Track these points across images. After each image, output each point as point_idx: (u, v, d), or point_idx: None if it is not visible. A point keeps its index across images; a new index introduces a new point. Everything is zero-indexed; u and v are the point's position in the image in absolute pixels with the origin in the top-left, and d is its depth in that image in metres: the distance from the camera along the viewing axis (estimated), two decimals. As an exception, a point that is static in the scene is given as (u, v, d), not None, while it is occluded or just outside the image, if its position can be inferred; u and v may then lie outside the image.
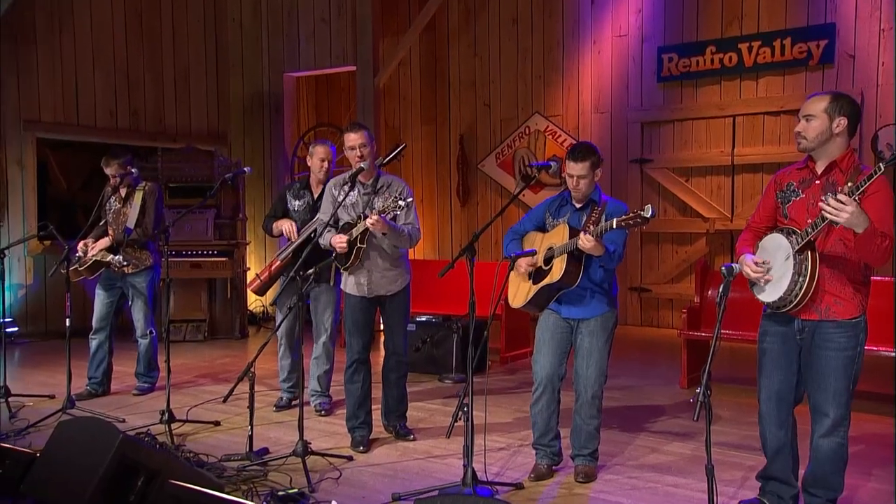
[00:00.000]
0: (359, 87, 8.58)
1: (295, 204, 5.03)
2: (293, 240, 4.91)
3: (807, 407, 3.14)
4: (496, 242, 8.94)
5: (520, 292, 3.80)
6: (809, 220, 2.96)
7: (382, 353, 4.56)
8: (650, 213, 3.10)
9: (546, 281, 3.60)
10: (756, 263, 3.04)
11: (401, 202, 3.81)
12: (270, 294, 6.64)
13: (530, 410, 3.82)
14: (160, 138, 9.01)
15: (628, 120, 8.49)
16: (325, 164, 4.93)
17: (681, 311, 5.86)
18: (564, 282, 3.54)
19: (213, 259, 7.91)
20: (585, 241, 3.35)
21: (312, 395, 5.07)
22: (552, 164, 3.84)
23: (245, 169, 5.13)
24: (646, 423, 4.82)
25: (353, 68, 8.69)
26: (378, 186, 4.24)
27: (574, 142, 8.73)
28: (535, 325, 3.89)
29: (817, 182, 3.04)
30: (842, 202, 2.71)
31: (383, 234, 4.03)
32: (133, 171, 5.48)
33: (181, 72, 9.30)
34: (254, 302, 8.85)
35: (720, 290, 2.86)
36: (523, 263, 3.72)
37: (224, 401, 3.97)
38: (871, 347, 4.85)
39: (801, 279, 2.93)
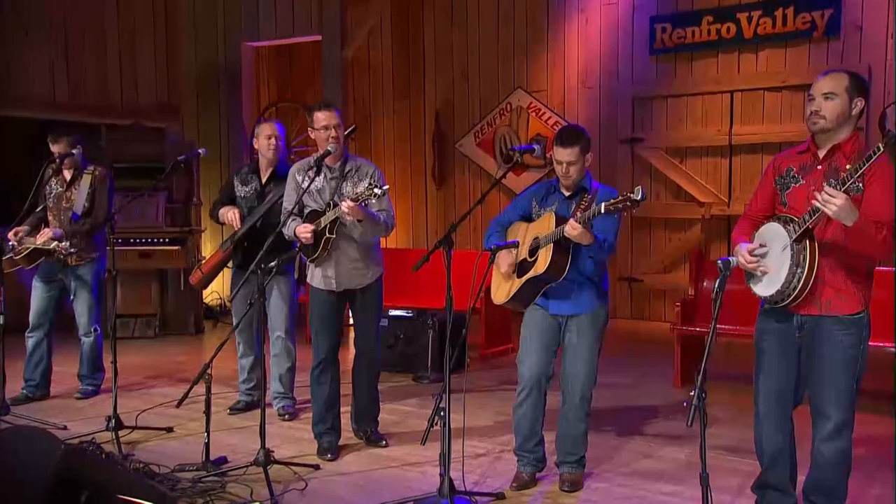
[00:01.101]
0: (325, 58, 8.51)
1: (242, 190, 5.01)
2: (236, 228, 4.88)
3: (804, 408, 3.18)
4: (475, 229, 8.94)
5: (502, 287, 3.81)
6: (809, 208, 2.98)
7: (352, 351, 4.55)
8: (640, 195, 3.11)
9: (531, 273, 3.61)
10: (750, 252, 3.05)
11: (377, 190, 3.77)
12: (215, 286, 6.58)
13: (513, 413, 3.84)
14: (104, 114, 8.86)
15: (618, 96, 8.50)
16: (273, 142, 4.90)
17: (674, 304, 5.91)
18: (551, 274, 3.54)
19: (164, 247, 7.84)
20: (572, 229, 3.36)
21: (275, 398, 5.06)
22: (535, 147, 3.85)
23: (199, 151, 5.07)
24: (637, 425, 4.87)
25: (319, 38, 8.61)
26: (346, 171, 4.23)
27: (559, 119, 8.75)
28: (518, 320, 3.90)
29: (819, 168, 3.06)
30: (830, 194, 2.75)
31: (358, 221, 4.00)
32: (77, 151, 5.40)
33: (126, 39, 9.15)
34: (210, 294, 8.78)
35: (716, 285, 2.88)
36: (504, 263, 3.72)
37: (178, 405, 3.95)
38: (871, 342, 4.93)
39: (799, 271, 2.95)
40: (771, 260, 3.04)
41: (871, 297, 3.10)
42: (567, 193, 3.70)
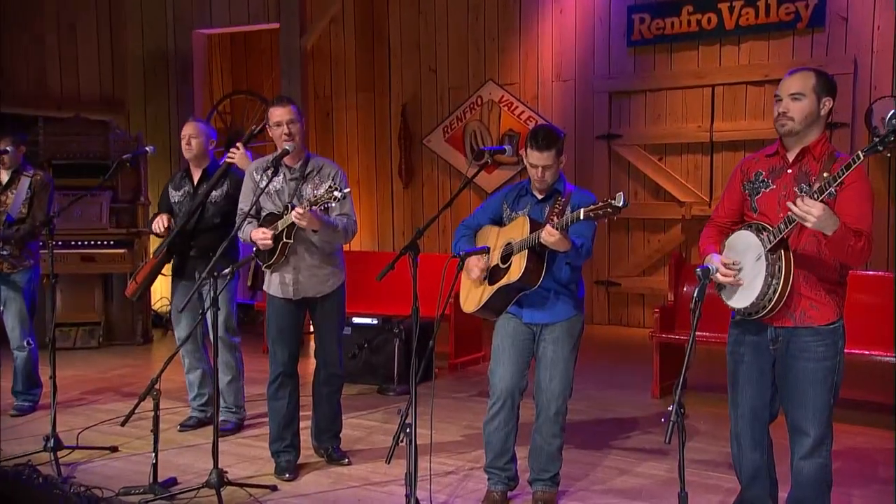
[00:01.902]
0: (282, 48, 8.45)
1: (175, 195, 5.01)
2: (159, 233, 4.89)
3: (783, 419, 3.22)
4: (444, 230, 8.96)
5: (472, 295, 3.82)
6: (781, 215, 3.02)
7: (312, 363, 4.53)
8: (622, 202, 3.13)
9: (503, 281, 3.62)
10: (726, 265, 3.08)
11: (336, 193, 3.76)
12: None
13: (484, 428, 3.85)
14: (41, 105, 8.71)
15: (594, 90, 8.57)
16: (185, 143, 4.90)
17: (653, 309, 5.97)
18: (525, 282, 3.56)
19: (108, 250, 7.74)
20: (548, 235, 3.38)
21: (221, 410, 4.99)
22: (506, 147, 3.89)
23: (147, 148, 5.04)
24: (614, 439, 4.91)
25: (276, 26, 8.56)
26: (307, 171, 4.20)
27: (532, 114, 8.79)
28: (490, 327, 3.91)
29: (789, 171, 3.11)
30: (808, 206, 2.77)
31: (314, 230, 3.98)
32: (11, 150, 5.33)
33: (66, 24, 9.00)
34: (159, 300, 8.68)
35: (694, 294, 2.91)
36: (475, 268, 3.73)
37: (123, 423, 3.89)
38: (866, 351, 5.03)
39: (774, 282, 2.98)
40: (745, 270, 3.07)
41: (845, 304, 3.16)
42: (540, 196, 3.72)
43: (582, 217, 3.27)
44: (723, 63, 8.02)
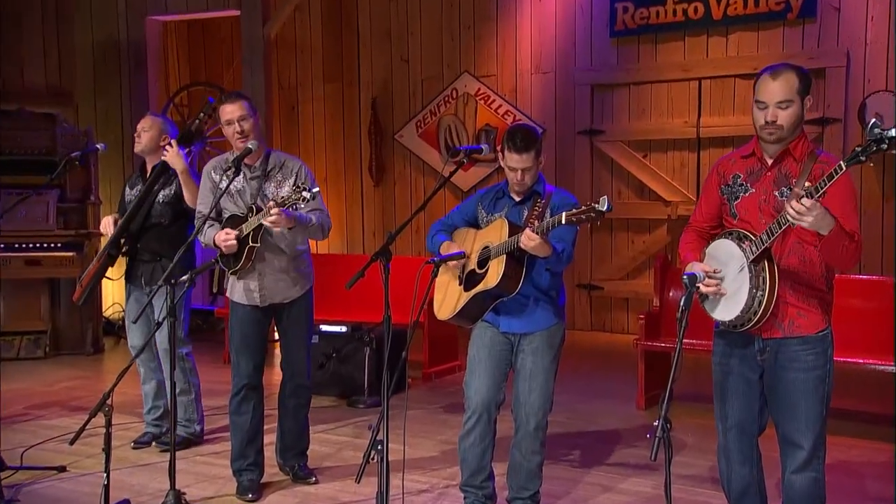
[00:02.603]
0: (244, 36, 8.40)
1: (129, 194, 5.00)
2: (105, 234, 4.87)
3: (771, 430, 3.24)
4: (417, 231, 8.95)
5: (447, 301, 3.82)
6: (763, 220, 3.05)
7: (278, 374, 4.50)
8: (606, 206, 3.14)
9: (480, 287, 3.63)
10: (707, 274, 3.09)
11: (305, 194, 3.73)
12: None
13: (459, 444, 3.85)
14: (-18, 98, 8.60)
15: (575, 82, 8.61)
16: (143, 138, 4.88)
17: (637, 315, 6.01)
18: (503, 288, 3.57)
19: (55, 254, 7.66)
20: (528, 240, 3.39)
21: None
22: (483, 146, 3.90)
23: (97, 146, 5.00)
24: (597, 454, 4.93)
25: (237, 13, 8.50)
26: (269, 168, 4.19)
27: (510, 108, 8.82)
28: (466, 335, 3.92)
29: (768, 174, 3.13)
30: (806, 207, 2.78)
31: (289, 229, 3.97)
32: None
33: (8, 11, 8.87)
34: (111, 306, 8.60)
35: (681, 303, 2.93)
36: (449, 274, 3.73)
37: (72, 441, 3.83)
38: (860, 360, 5.09)
39: (759, 294, 3.00)
40: (727, 281, 3.08)
41: (832, 311, 3.19)
42: (518, 199, 3.73)
43: (563, 221, 3.28)
44: (710, 55, 8.09)
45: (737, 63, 7.96)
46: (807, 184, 2.83)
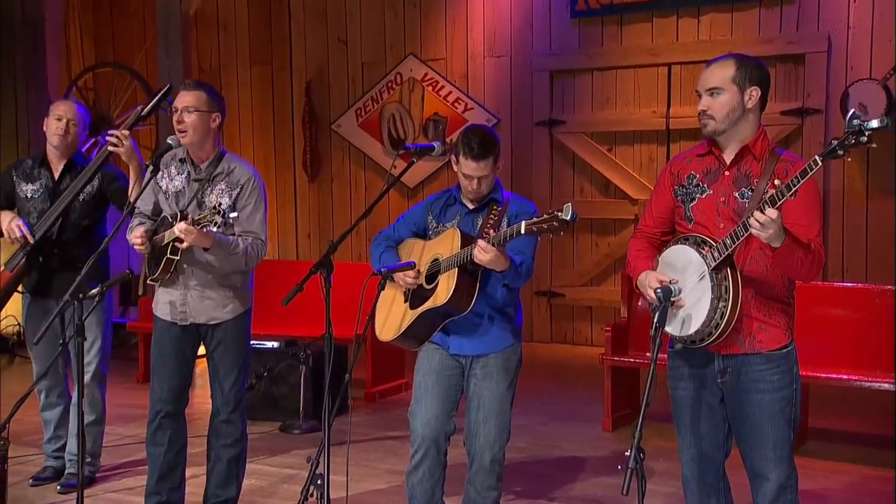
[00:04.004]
0: (158, 12, 8.31)
1: (27, 189, 4.86)
2: (14, 240, 4.75)
3: (737, 451, 3.29)
4: (358, 232, 8.92)
5: (391, 319, 3.82)
6: (722, 224, 3.10)
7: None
8: (570, 215, 3.15)
9: (428, 305, 3.64)
10: (660, 281, 3.10)
11: (217, 218, 3.69)
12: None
13: (406, 480, 3.85)
14: None
15: (533, 68, 8.68)
16: (63, 126, 4.79)
17: (603, 325, 6.08)
18: (453, 305, 3.58)
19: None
20: (483, 253, 3.40)
21: (69, 461, 4.89)
22: (435, 144, 3.87)
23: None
24: (560, 484, 4.97)
25: (152, -14, 8.41)
26: (215, 173, 4.11)
27: (461, 95, 8.85)
28: (413, 352, 3.90)
29: (726, 173, 3.18)
30: (771, 218, 2.82)
31: (205, 249, 3.93)
32: None
33: None
34: (4, 319, 8.43)
35: (654, 319, 2.97)
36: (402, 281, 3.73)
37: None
38: (845, 376, 5.23)
39: (721, 304, 3.02)
40: (685, 292, 3.10)
41: (794, 325, 3.25)
42: (472, 206, 3.74)
43: (523, 231, 3.28)
44: (680, 38, 8.21)
45: (709, 47, 8.03)
46: (777, 181, 2.86)
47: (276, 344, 6.26)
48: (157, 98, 4.69)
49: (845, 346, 5.44)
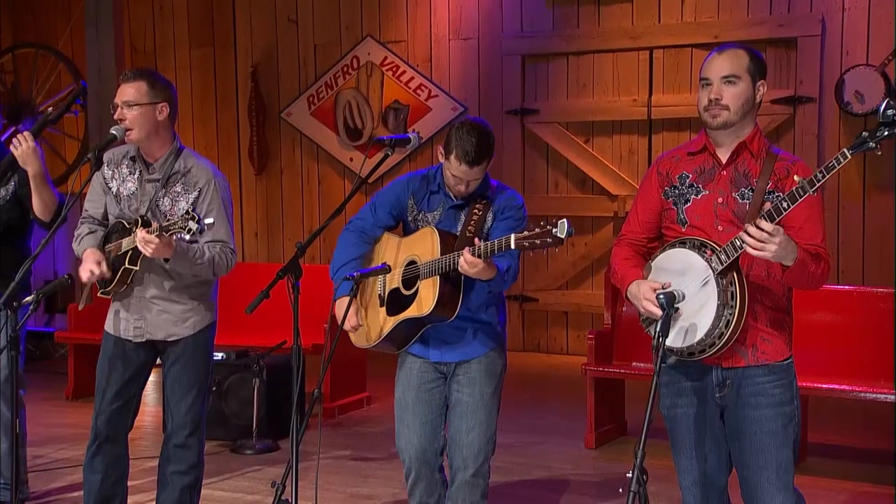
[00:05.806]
0: (88, -15, 8.24)
1: None
2: None
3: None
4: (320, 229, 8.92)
5: (368, 326, 3.84)
6: (720, 227, 3.13)
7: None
8: (565, 232, 3.15)
9: (410, 313, 3.66)
10: (655, 290, 3.10)
11: (192, 224, 3.60)
12: None
13: (409, 502, 3.90)
14: None
15: (503, 52, 8.72)
16: None
17: (580, 332, 6.12)
18: (437, 315, 3.62)
19: None
20: (469, 266, 3.42)
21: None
22: (412, 136, 3.89)
23: None
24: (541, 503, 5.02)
25: (80, -42, 8.33)
26: (171, 172, 4.05)
27: (424, 81, 8.86)
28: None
29: (723, 173, 3.20)
30: (766, 232, 2.84)
31: (165, 259, 3.88)
32: None
33: None
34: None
35: (657, 328, 3.00)
36: (347, 322, 3.73)
37: None
38: (837, 386, 5.33)
39: (728, 312, 3.03)
40: (686, 298, 3.09)
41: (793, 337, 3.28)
42: (457, 201, 3.76)
43: (513, 246, 3.29)
44: (663, 20, 8.29)
45: (694, 30, 8.17)
46: (797, 178, 2.86)
47: (224, 356, 6.22)
48: (67, 104, 4.68)
49: (842, 355, 5.50)
